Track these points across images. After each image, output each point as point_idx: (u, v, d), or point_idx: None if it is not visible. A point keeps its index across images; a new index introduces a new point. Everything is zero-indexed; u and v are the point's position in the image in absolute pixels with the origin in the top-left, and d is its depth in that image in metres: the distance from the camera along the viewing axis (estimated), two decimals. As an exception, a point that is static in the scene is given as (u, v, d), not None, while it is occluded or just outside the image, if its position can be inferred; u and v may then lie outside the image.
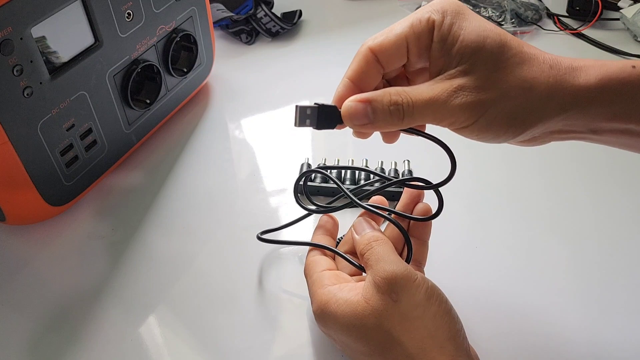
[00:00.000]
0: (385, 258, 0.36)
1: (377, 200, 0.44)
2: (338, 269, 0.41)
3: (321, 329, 0.40)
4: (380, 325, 0.34)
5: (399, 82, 0.39)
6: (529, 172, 0.56)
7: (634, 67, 0.33)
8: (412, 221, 0.43)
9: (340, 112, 0.35)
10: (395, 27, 0.35)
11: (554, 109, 0.33)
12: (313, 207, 0.47)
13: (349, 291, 0.37)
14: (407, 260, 0.40)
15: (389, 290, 0.34)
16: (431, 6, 0.34)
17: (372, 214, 0.42)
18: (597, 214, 0.52)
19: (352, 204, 0.43)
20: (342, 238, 0.46)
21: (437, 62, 0.34)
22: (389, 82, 0.39)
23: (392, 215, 0.43)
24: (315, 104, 0.35)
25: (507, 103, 0.33)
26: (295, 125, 0.35)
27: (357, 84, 0.35)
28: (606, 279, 0.47)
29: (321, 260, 0.41)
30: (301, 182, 0.47)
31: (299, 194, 0.47)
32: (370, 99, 0.33)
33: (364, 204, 0.41)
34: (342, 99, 0.35)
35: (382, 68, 0.35)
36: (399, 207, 0.43)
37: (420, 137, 0.37)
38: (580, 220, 0.52)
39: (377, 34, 0.35)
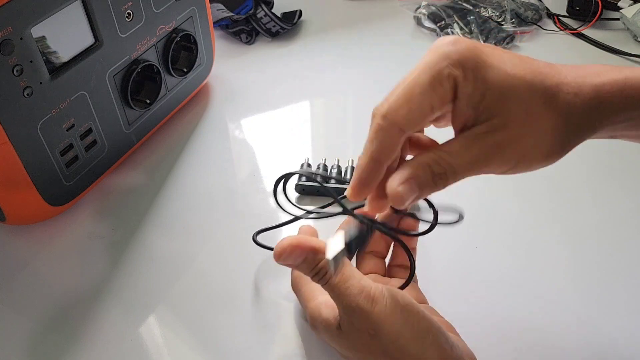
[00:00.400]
0: (352, 288, 0.34)
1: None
2: None
3: (317, 335, 0.40)
4: (370, 345, 0.34)
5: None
6: (530, 172, 0.56)
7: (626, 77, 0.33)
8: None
9: (367, 234, 0.34)
10: (414, 90, 0.31)
11: (586, 132, 0.33)
12: (299, 212, 0.46)
13: (330, 312, 0.37)
14: (407, 283, 0.39)
15: (365, 327, 0.34)
16: (448, 58, 0.31)
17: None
18: (598, 214, 0.52)
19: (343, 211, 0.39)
20: None
21: (463, 114, 0.32)
22: None
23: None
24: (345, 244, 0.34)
25: (542, 145, 0.32)
26: (333, 275, 0.35)
27: (384, 161, 0.33)
28: (606, 278, 0.47)
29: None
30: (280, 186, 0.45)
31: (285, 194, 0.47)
32: (413, 176, 0.32)
33: (357, 214, 0.37)
34: (371, 179, 0.33)
35: (405, 134, 0.32)
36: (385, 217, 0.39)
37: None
38: (580, 219, 0.52)
39: (394, 99, 0.32)
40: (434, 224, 0.36)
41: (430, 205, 0.37)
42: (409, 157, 0.35)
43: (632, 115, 0.33)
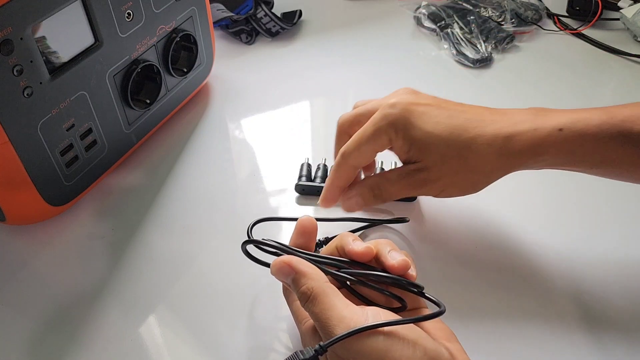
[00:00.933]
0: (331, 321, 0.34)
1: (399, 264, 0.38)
2: None
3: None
4: None
5: None
6: (529, 172, 0.56)
7: (560, 129, 0.41)
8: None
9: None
10: (362, 139, 0.44)
11: (498, 174, 0.43)
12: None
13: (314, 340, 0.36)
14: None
15: None
16: (386, 118, 0.43)
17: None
18: (598, 213, 0.52)
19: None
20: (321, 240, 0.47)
21: (400, 155, 0.45)
22: None
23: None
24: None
25: (460, 184, 0.44)
26: None
27: (343, 186, 0.48)
28: (607, 277, 0.47)
29: None
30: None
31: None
32: (359, 194, 0.47)
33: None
34: (333, 199, 0.49)
35: (357, 169, 0.47)
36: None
37: None
38: (581, 219, 0.52)
39: (350, 144, 0.45)
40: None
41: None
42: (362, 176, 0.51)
43: (541, 159, 0.42)
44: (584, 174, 0.44)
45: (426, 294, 0.37)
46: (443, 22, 0.75)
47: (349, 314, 0.33)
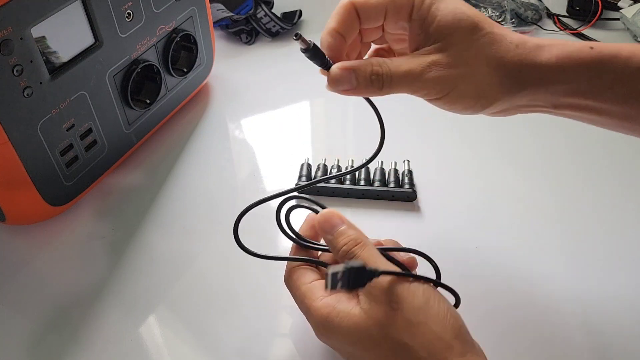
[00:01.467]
0: (374, 266, 0.36)
1: (407, 261, 0.41)
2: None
3: (323, 341, 0.38)
4: (387, 335, 0.34)
5: (380, 50, 0.43)
6: (529, 172, 0.56)
7: (592, 47, 0.36)
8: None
9: (368, 270, 0.35)
10: None
11: (518, 85, 0.37)
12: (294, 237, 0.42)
13: (348, 302, 0.36)
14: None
15: (387, 300, 0.34)
16: None
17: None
18: (598, 212, 0.52)
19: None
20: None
21: (416, 38, 0.37)
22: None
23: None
24: (345, 268, 0.35)
25: (476, 79, 0.36)
26: (326, 288, 0.35)
27: (342, 33, 0.38)
28: (608, 276, 0.47)
29: (307, 271, 0.40)
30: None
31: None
32: (354, 67, 0.36)
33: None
34: (333, 48, 0.38)
35: (359, 23, 0.38)
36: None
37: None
38: (581, 219, 0.52)
39: None
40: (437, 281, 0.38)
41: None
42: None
43: (566, 77, 0.36)
44: (600, 126, 0.40)
45: (444, 284, 0.38)
46: (443, 22, 0.75)
47: (390, 264, 0.37)
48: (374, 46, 0.43)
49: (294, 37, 0.35)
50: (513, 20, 0.76)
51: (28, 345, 0.43)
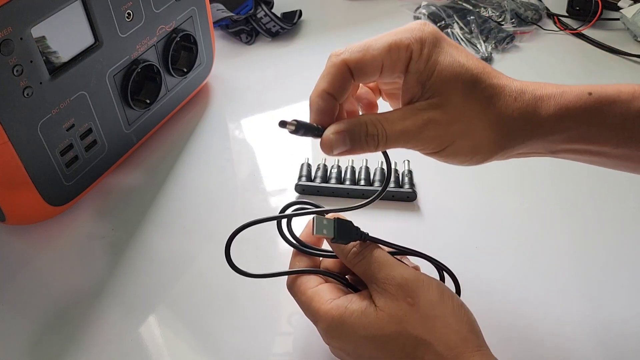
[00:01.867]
0: (386, 264, 0.36)
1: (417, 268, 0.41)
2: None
3: (332, 345, 0.37)
4: (403, 331, 0.34)
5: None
6: (529, 172, 0.56)
7: (590, 94, 0.35)
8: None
9: (355, 228, 0.37)
10: (372, 45, 0.35)
11: (516, 139, 0.36)
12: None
13: (360, 301, 0.36)
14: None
15: (403, 296, 0.34)
16: (411, 32, 0.35)
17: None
18: (599, 211, 0.52)
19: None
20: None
21: (411, 90, 0.35)
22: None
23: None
24: (334, 218, 0.37)
25: (474, 136, 0.35)
26: (313, 234, 0.37)
27: (334, 94, 0.36)
28: (608, 276, 0.47)
29: (310, 277, 0.39)
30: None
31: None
32: (347, 130, 0.35)
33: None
34: (323, 112, 0.36)
35: (353, 80, 0.36)
36: None
37: None
38: (581, 218, 0.52)
39: (354, 46, 0.35)
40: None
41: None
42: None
43: (566, 126, 0.36)
44: (602, 166, 0.40)
45: (444, 266, 0.40)
46: (443, 22, 0.75)
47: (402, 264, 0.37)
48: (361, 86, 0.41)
49: (280, 126, 0.35)
50: (513, 20, 0.76)
51: (28, 345, 0.43)
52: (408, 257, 0.41)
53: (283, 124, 0.35)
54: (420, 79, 0.35)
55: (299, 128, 0.35)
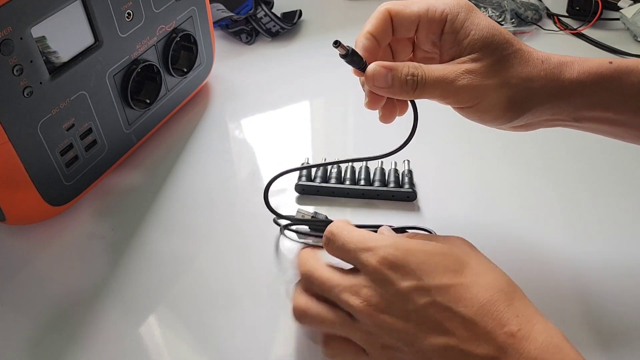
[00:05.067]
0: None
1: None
2: None
3: (389, 275, 0.34)
4: (454, 283, 0.34)
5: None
6: (530, 171, 0.56)
7: (610, 62, 0.39)
8: None
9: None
10: (413, 4, 0.40)
11: (544, 98, 0.39)
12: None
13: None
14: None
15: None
16: (447, 1, 0.39)
17: None
18: (600, 211, 0.52)
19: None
20: None
21: (449, 52, 0.40)
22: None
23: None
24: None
25: (507, 90, 0.38)
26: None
27: (376, 36, 0.40)
28: (610, 275, 0.47)
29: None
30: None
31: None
32: (392, 66, 0.38)
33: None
34: (367, 50, 0.40)
35: (392, 30, 0.41)
36: None
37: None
38: (583, 220, 0.52)
39: (397, 1, 0.40)
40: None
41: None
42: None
43: (588, 91, 0.39)
44: (620, 139, 0.42)
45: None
46: (443, 22, 0.75)
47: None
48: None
49: (334, 45, 0.38)
50: (513, 20, 0.76)
51: (28, 345, 0.43)
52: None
53: (337, 43, 0.38)
54: (456, 39, 0.39)
55: (350, 54, 0.39)
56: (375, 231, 0.39)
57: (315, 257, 0.38)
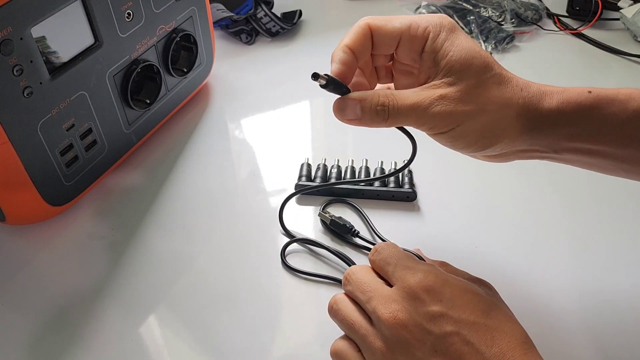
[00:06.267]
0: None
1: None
2: None
3: (426, 299, 0.35)
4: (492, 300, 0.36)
5: (385, 78, 0.43)
6: (529, 171, 0.56)
7: (590, 92, 0.37)
8: None
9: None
10: (395, 20, 0.38)
11: (521, 127, 0.37)
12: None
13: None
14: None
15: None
16: (430, 17, 0.38)
17: None
18: (599, 211, 0.52)
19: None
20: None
21: (426, 71, 0.38)
22: (377, 73, 0.42)
23: None
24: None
25: (482, 117, 0.36)
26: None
27: (354, 51, 0.38)
28: (609, 275, 0.47)
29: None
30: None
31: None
32: (360, 98, 0.37)
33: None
34: (345, 63, 0.37)
35: (372, 47, 0.39)
36: None
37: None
38: (582, 219, 0.52)
39: (378, 17, 0.39)
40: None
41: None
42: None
43: (566, 122, 0.37)
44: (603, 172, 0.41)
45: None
46: (443, 22, 0.75)
47: None
48: (378, 85, 0.43)
49: (312, 78, 0.36)
50: (513, 20, 0.76)
51: (28, 345, 0.43)
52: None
53: (315, 76, 0.36)
54: (435, 59, 0.37)
55: (330, 82, 0.36)
56: None
57: (365, 266, 0.39)
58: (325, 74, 0.36)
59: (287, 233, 0.50)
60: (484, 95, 0.36)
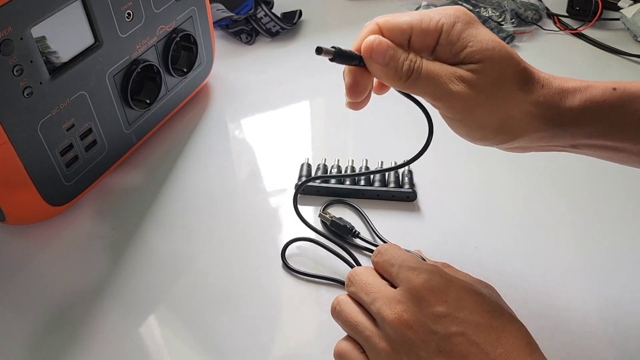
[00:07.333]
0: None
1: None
2: None
3: (430, 299, 0.34)
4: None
5: None
6: (529, 171, 0.56)
7: (614, 89, 0.37)
8: None
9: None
10: (406, 14, 0.37)
11: (540, 125, 0.37)
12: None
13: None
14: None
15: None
16: (444, 10, 0.36)
17: None
18: (599, 210, 0.52)
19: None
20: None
21: (451, 51, 0.36)
22: None
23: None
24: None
25: (500, 113, 0.36)
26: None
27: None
28: (609, 274, 0.47)
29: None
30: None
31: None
32: (394, 47, 0.36)
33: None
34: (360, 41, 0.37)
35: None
36: None
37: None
38: (583, 218, 0.52)
39: (389, 14, 0.38)
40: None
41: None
42: None
43: (590, 120, 0.37)
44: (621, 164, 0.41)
45: None
46: (443, 22, 0.75)
47: None
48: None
49: (316, 53, 0.35)
50: (513, 20, 0.76)
51: (28, 345, 0.43)
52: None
53: (320, 50, 0.34)
54: (452, 50, 0.36)
55: (337, 53, 0.35)
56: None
57: (369, 267, 0.39)
58: (332, 47, 0.35)
59: (306, 223, 0.49)
60: (505, 90, 0.36)
